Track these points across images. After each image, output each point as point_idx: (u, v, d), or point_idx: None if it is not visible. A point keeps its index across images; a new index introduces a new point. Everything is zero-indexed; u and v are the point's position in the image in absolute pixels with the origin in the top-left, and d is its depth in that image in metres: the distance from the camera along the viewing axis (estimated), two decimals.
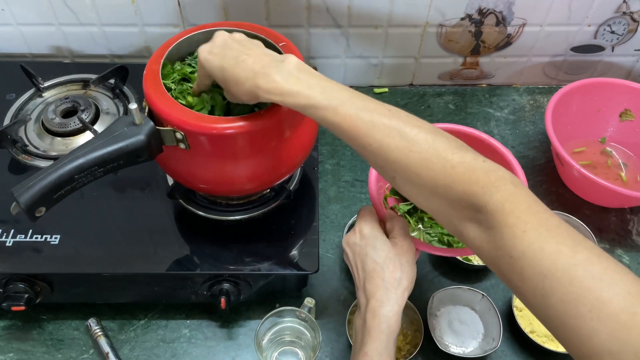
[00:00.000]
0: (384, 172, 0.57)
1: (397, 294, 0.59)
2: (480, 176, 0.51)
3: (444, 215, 0.55)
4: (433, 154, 0.53)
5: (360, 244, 0.62)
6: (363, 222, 0.64)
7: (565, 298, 0.44)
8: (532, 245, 0.46)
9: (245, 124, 0.63)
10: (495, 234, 0.49)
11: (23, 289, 0.73)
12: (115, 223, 0.79)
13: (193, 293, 0.78)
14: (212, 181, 0.70)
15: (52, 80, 0.96)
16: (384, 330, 0.58)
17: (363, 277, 0.61)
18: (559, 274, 0.44)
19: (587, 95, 0.98)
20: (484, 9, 0.99)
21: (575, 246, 0.46)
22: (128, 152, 0.62)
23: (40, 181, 0.58)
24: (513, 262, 0.47)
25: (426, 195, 0.55)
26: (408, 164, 0.53)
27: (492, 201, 0.50)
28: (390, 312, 0.58)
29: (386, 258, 0.60)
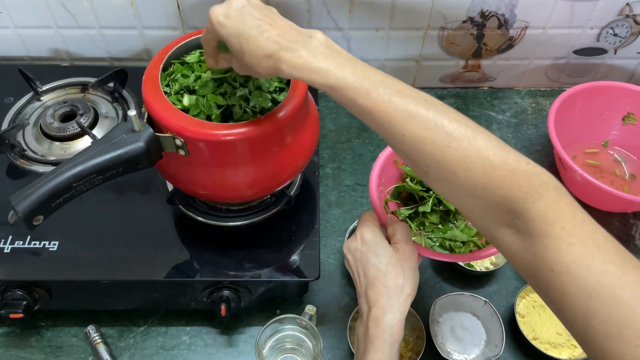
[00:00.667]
0: (415, 166, 0.52)
1: (399, 302, 0.58)
2: (523, 180, 0.48)
3: (479, 216, 0.51)
4: (473, 152, 0.48)
5: (362, 250, 0.61)
6: (364, 227, 0.63)
7: (609, 320, 0.41)
8: (578, 261, 0.44)
9: (245, 130, 0.62)
10: (536, 243, 0.46)
11: (21, 296, 0.73)
12: (114, 229, 0.78)
13: (193, 300, 0.77)
14: (212, 188, 0.69)
15: (51, 84, 0.95)
16: (387, 340, 0.56)
17: (365, 284, 0.60)
18: (605, 294, 0.42)
19: (589, 98, 0.97)
20: (486, 11, 0.98)
21: (623, 265, 0.43)
22: (127, 159, 0.61)
23: (38, 189, 0.57)
24: (554, 276, 0.45)
25: (461, 194, 0.51)
26: (444, 160, 0.49)
27: (535, 208, 0.46)
28: (393, 320, 0.57)
29: (388, 264, 0.59)
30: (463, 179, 0.49)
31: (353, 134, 1.05)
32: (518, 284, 0.86)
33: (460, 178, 0.49)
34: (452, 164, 0.49)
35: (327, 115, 1.08)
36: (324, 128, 1.05)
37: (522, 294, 0.82)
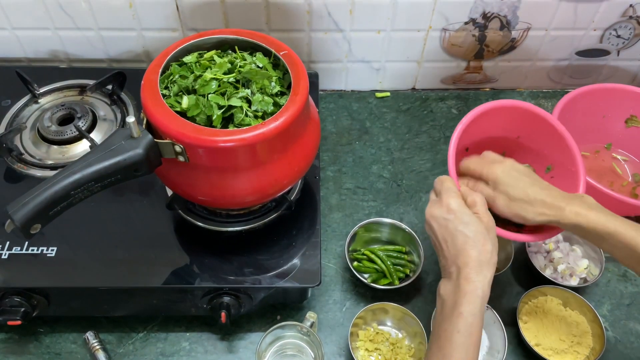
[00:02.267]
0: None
1: (489, 265, 0.62)
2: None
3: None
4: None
5: (449, 218, 0.64)
6: (449, 196, 0.66)
7: None
8: None
9: (246, 137, 0.62)
10: None
11: (19, 302, 0.72)
12: (113, 234, 0.77)
13: (193, 306, 0.77)
14: (212, 194, 0.68)
15: (49, 86, 0.94)
16: (480, 295, 0.60)
17: (454, 250, 0.63)
18: None
19: (592, 101, 0.96)
20: (488, 13, 0.97)
21: None
22: (126, 166, 0.60)
23: (35, 198, 0.57)
24: None
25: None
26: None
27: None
28: (485, 279, 0.61)
29: (477, 232, 0.62)
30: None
31: (354, 136, 1.04)
32: (520, 290, 0.85)
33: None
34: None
35: (327, 117, 1.07)
36: (324, 130, 1.04)
37: (524, 299, 0.81)
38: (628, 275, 0.88)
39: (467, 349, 0.58)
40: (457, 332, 0.58)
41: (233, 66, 0.69)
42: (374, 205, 0.95)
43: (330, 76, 1.09)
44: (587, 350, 0.78)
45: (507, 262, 0.84)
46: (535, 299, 0.82)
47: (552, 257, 0.86)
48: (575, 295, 0.81)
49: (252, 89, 0.67)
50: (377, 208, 0.94)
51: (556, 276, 0.85)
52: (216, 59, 0.70)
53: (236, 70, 0.68)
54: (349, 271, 0.85)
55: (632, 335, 0.82)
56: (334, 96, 1.11)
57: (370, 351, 0.78)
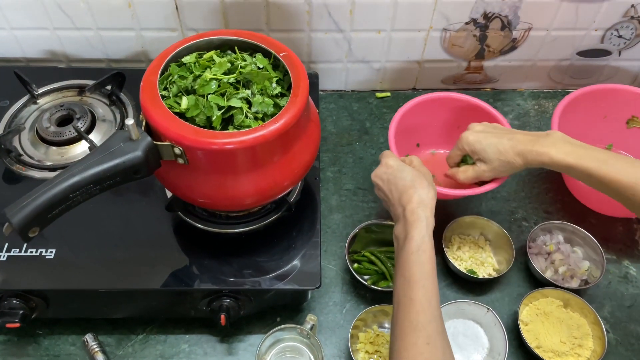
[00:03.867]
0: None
1: (429, 197, 0.68)
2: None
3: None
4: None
5: (389, 172, 0.73)
6: (387, 157, 0.75)
7: None
8: None
9: (246, 139, 0.61)
10: None
11: (18, 305, 0.72)
12: (112, 236, 0.77)
13: (192, 308, 0.76)
14: (211, 196, 0.68)
15: (47, 87, 0.94)
16: (424, 220, 0.66)
17: (397, 194, 0.70)
18: None
19: (593, 101, 0.96)
20: (489, 13, 0.97)
21: None
22: (125, 168, 0.60)
23: (34, 201, 0.56)
24: None
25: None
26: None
27: None
28: (427, 210, 0.67)
29: (414, 177, 0.71)
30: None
31: (354, 137, 1.04)
32: (521, 291, 0.85)
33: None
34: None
35: (327, 118, 1.07)
36: (324, 130, 1.04)
37: (525, 301, 0.81)
38: (629, 277, 0.88)
39: (423, 264, 0.63)
40: (411, 254, 0.63)
41: (233, 67, 0.69)
42: (374, 206, 0.94)
43: (330, 76, 1.08)
44: (588, 352, 0.78)
45: (508, 264, 0.83)
46: (536, 300, 0.82)
47: (553, 259, 0.86)
48: (576, 297, 0.80)
49: (253, 90, 0.67)
50: (377, 209, 0.94)
51: (557, 278, 0.85)
52: (216, 59, 0.70)
53: (237, 71, 0.68)
54: (349, 273, 0.85)
55: (633, 337, 0.82)
56: (334, 96, 1.11)
57: (370, 353, 0.77)
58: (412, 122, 0.92)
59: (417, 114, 0.92)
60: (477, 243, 0.89)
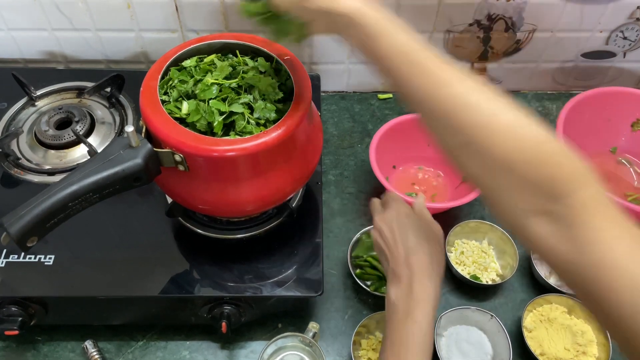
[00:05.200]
0: (451, 138, 0.49)
1: (439, 270, 0.63)
2: (570, 163, 0.45)
3: (510, 200, 0.47)
4: (522, 123, 0.45)
5: (400, 221, 0.65)
6: (399, 204, 0.68)
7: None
8: (627, 254, 0.41)
9: (247, 146, 0.60)
10: (577, 234, 0.43)
11: (16, 312, 0.71)
12: (111, 242, 0.76)
13: (193, 315, 0.76)
14: (212, 203, 0.67)
15: (46, 89, 0.93)
16: (431, 302, 0.60)
17: (405, 251, 0.62)
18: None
19: (598, 104, 0.95)
20: (493, 14, 0.96)
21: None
22: (125, 176, 0.59)
23: (32, 210, 0.55)
24: (598, 271, 0.42)
25: (498, 170, 0.46)
26: (490, 127, 0.45)
27: (580, 196, 0.43)
28: (435, 283, 0.61)
29: (429, 238, 0.64)
30: (507, 150, 0.45)
31: (355, 139, 1.03)
32: (525, 297, 0.84)
33: (504, 149, 0.45)
34: (497, 133, 0.45)
35: (329, 119, 1.06)
36: (326, 132, 1.03)
37: (529, 307, 0.80)
38: None
39: (424, 353, 0.58)
40: (412, 338, 0.58)
41: (235, 71, 0.68)
42: None
43: (331, 77, 1.07)
44: (592, 359, 0.77)
45: (512, 270, 0.83)
46: (540, 307, 0.81)
47: None
48: (580, 303, 0.80)
49: (255, 95, 0.66)
50: None
51: (561, 284, 0.84)
52: (217, 63, 0.68)
53: (239, 76, 0.66)
54: (351, 278, 0.84)
55: None
56: (335, 98, 1.09)
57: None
58: (391, 143, 0.92)
59: (392, 140, 0.93)
60: (480, 248, 0.88)
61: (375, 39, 0.50)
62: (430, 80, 0.48)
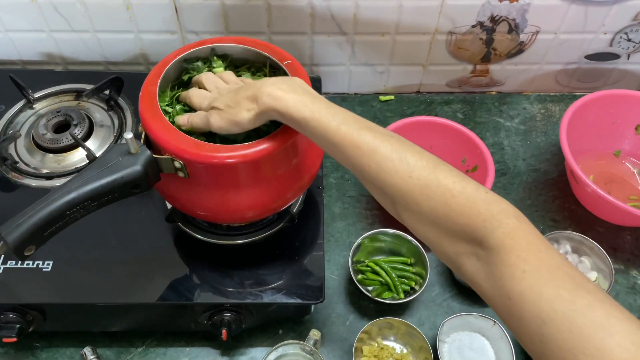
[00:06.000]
0: (383, 198, 0.55)
1: None
2: (482, 208, 0.49)
3: (443, 247, 0.52)
4: (433, 181, 0.51)
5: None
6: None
7: (564, 346, 0.42)
8: (531, 288, 0.44)
9: (248, 152, 0.59)
10: (494, 271, 0.47)
11: (14, 319, 0.70)
12: (110, 247, 0.75)
13: (193, 322, 0.75)
14: (212, 209, 0.66)
15: (44, 91, 0.92)
16: None
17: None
18: (558, 320, 0.42)
19: (602, 107, 0.94)
20: (496, 16, 0.95)
21: (575, 290, 0.43)
22: (124, 183, 0.58)
23: (30, 219, 0.54)
24: (511, 304, 0.46)
25: (426, 224, 0.53)
26: (407, 190, 0.52)
27: (493, 237, 0.48)
28: None
29: None
30: (425, 208, 0.51)
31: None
32: None
33: (423, 207, 0.51)
34: (414, 193, 0.51)
35: None
36: None
37: None
38: (637, 288, 0.86)
39: None
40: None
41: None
42: (377, 214, 0.92)
43: (333, 79, 1.06)
44: None
45: None
46: None
47: None
48: None
49: None
50: (380, 217, 0.92)
51: None
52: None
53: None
54: (352, 283, 0.83)
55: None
56: (336, 99, 1.08)
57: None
58: None
59: None
60: None
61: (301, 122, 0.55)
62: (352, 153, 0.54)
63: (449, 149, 0.93)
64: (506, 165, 1.00)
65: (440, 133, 0.93)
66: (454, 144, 0.93)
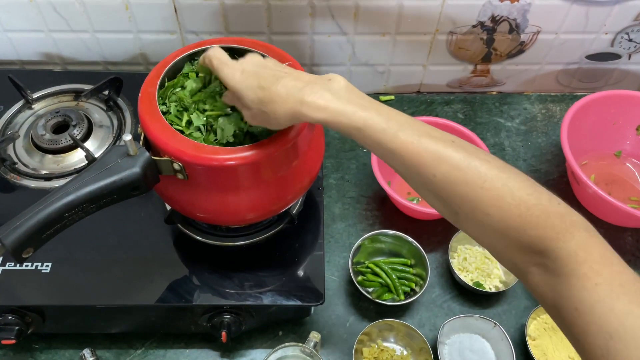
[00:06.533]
0: (445, 207, 0.52)
1: None
2: (556, 221, 0.47)
3: (509, 256, 0.50)
4: (507, 192, 0.48)
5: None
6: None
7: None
8: (603, 301, 0.43)
9: (247, 155, 0.59)
10: (563, 282, 0.46)
11: (13, 321, 0.70)
12: (109, 249, 0.75)
13: (192, 324, 0.74)
14: (212, 211, 0.65)
15: (43, 91, 0.91)
16: None
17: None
18: (627, 336, 0.41)
19: (603, 107, 0.94)
20: (497, 16, 0.94)
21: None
22: (122, 185, 0.58)
23: (27, 221, 0.54)
24: (577, 315, 0.44)
25: (493, 235, 0.50)
26: (477, 201, 0.48)
27: (565, 248, 0.46)
28: None
29: None
30: (497, 219, 0.48)
31: (357, 143, 1.01)
32: (529, 304, 0.83)
33: (494, 219, 0.48)
34: (485, 204, 0.48)
35: None
36: (327, 136, 1.01)
37: (533, 315, 0.79)
38: None
39: None
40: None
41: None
42: (378, 214, 0.92)
43: None
44: None
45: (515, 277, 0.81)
46: (544, 314, 0.80)
47: None
48: None
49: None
50: (381, 218, 0.92)
51: None
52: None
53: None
54: (352, 284, 0.83)
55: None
56: None
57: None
58: None
59: None
60: (483, 254, 0.87)
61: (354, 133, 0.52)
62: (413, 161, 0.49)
63: None
64: None
65: None
66: None
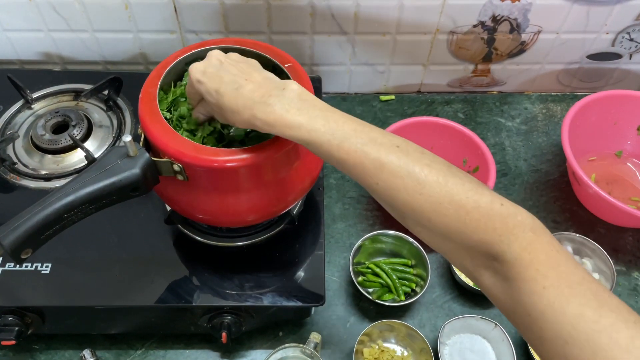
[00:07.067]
0: (393, 212, 0.53)
1: None
2: (497, 223, 0.47)
3: (459, 259, 0.51)
4: (445, 197, 0.48)
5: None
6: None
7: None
8: (552, 306, 0.43)
9: (249, 156, 0.59)
10: (512, 286, 0.45)
11: (13, 321, 0.70)
12: (109, 249, 0.75)
13: (192, 324, 0.74)
14: (212, 213, 0.65)
15: (42, 91, 0.91)
16: None
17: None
18: (582, 340, 0.41)
19: (604, 107, 0.94)
20: (498, 15, 0.94)
21: (599, 308, 0.42)
22: (122, 187, 0.58)
23: (26, 222, 0.54)
24: (531, 321, 0.44)
25: (439, 239, 0.51)
26: (418, 207, 0.49)
27: (510, 251, 0.46)
28: None
29: None
30: (438, 224, 0.49)
31: None
32: None
33: (436, 224, 0.49)
34: (426, 210, 0.49)
35: None
36: None
37: None
38: (639, 290, 0.86)
39: None
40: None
41: None
42: (378, 215, 0.92)
43: (333, 79, 1.05)
44: None
45: None
46: None
47: None
48: None
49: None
50: (381, 218, 0.91)
51: None
52: None
53: None
54: (352, 285, 0.83)
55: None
56: (337, 99, 1.08)
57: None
58: None
59: None
60: None
61: None
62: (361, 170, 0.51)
63: (450, 149, 0.92)
64: (507, 166, 0.99)
65: (441, 134, 0.93)
66: (455, 145, 0.92)
